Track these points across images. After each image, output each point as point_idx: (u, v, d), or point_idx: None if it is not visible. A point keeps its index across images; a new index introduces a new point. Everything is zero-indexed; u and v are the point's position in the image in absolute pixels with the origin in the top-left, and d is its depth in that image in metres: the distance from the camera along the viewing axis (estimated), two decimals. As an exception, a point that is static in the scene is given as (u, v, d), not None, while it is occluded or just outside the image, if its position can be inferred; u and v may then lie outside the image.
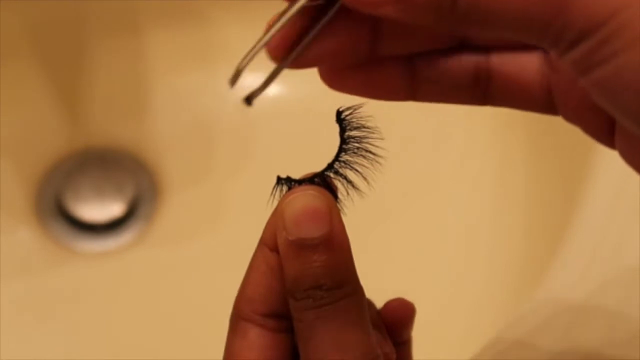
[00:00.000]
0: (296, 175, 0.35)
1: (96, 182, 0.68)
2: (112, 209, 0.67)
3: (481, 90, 0.33)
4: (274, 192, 0.34)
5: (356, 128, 0.35)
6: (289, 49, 0.33)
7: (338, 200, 0.34)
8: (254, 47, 0.33)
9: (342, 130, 0.35)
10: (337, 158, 0.34)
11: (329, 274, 0.32)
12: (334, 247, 0.32)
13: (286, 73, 0.37)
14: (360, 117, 0.35)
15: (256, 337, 0.34)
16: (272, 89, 0.36)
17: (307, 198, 0.32)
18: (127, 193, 0.68)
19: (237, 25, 0.71)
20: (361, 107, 0.34)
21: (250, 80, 0.74)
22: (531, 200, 0.60)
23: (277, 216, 0.33)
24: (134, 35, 0.70)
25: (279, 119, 0.70)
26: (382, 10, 0.28)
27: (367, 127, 0.35)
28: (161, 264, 0.66)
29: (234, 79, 0.33)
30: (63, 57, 0.70)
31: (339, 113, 0.34)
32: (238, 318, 0.34)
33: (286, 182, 0.34)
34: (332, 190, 0.34)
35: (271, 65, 0.35)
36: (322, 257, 0.32)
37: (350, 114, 0.35)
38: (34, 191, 0.68)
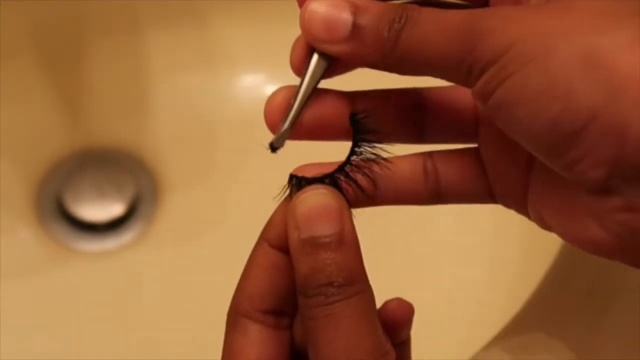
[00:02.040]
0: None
1: (96, 182, 0.68)
2: (112, 209, 0.67)
3: (431, 189, 0.37)
4: (284, 189, 0.34)
5: (369, 132, 0.35)
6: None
7: (348, 200, 0.34)
8: (290, 111, 0.35)
9: (356, 133, 0.35)
10: (348, 160, 0.35)
11: (341, 272, 0.32)
12: (345, 245, 0.32)
13: (286, 73, 0.37)
14: (374, 121, 0.35)
15: (256, 334, 0.34)
16: (272, 89, 0.36)
17: (319, 197, 0.33)
18: (127, 193, 0.68)
19: (237, 25, 0.71)
20: (377, 110, 0.35)
21: (251, 80, 0.74)
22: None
23: (288, 215, 0.33)
24: (134, 35, 0.70)
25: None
26: (336, 48, 0.33)
27: (380, 131, 0.35)
28: (161, 264, 0.66)
29: (279, 141, 0.35)
30: (63, 57, 0.70)
31: (352, 115, 0.35)
32: (237, 315, 0.35)
33: (298, 181, 0.34)
34: (342, 192, 0.34)
35: (273, 64, 0.35)
36: (334, 255, 0.32)
37: (364, 117, 0.35)
38: (34, 191, 0.68)
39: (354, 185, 0.34)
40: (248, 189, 0.68)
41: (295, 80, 0.36)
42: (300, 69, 0.35)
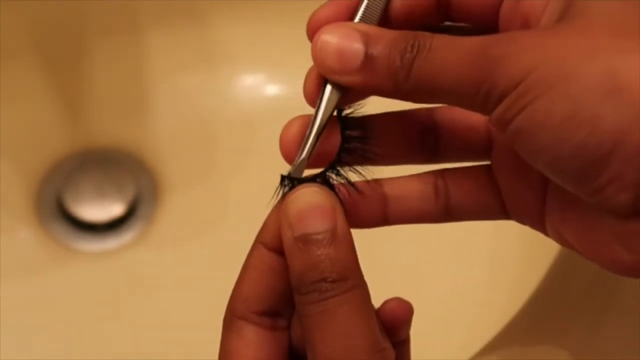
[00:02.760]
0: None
1: (96, 182, 0.68)
2: (112, 209, 0.67)
3: (442, 208, 0.37)
4: (277, 191, 0.34)
5: (357, 127, 0.35)
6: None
7: (340, 198, 0.34)
8: (308, 138, 0.35)
9: (344, 129, 0.35)
10: (338, 157, 0.35)
11: (334, 268, 0.32)
12: (338, 241, 0.32)
13: (286, 73, 0.37)
14: (362, 116, 0.35)
15: (252, 335, 0.35)
16: (272, 89, 0.36)
17: (311, 195, 0.33)
18: (128, 193, 0.68)
19: (237, 25, 0.71)
20: (363, 106, 0.35)
21: (251, 80, 0.74)
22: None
23: (281, 215, 0.33)
24: (134, 35, 0.70)
25: (279, 119, 0.70)
26: (349, 79, 0.33)
27: (369, 126, 0.35)
28: (161, 264, 0.66)
29: (297, 172, 0.35)
30: (63, 57, 0.70)
31: (339, 112, 0.35)
32: (233, 317, 0.35)
33: (289, 181, 0.34)
34: (334, 189, 0.34)
35: (273, 64, 0.35)
36: (327, 251, 0.32)
37: (351, 112, 0.35)
38: (34, 191, 0.68)
39: (345, 182, 0.34)
40: (248, 189, 0.68)
41: (295, 79, 0.36)
42: (313, 100, 0.35)
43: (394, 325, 0.37)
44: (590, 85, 0.29)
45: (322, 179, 0.34)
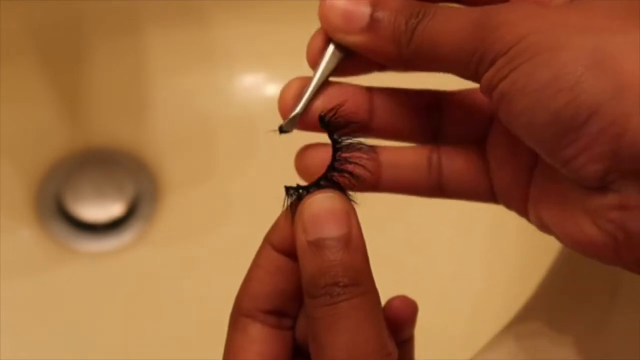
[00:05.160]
0: (296, 176, 0.35)
1: (96, 182, 0.68)
2: (112, 209, 0.67)
3: (434, 181, 0.38)
4: (284, 202, 0.34)
5: (343, 126, 0.35)
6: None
7: (350, 197, 0.34)
8: (303, 97, 0.36)
9: (331, 133, 0.35)
10: (334, 158, 0.35)
11: (347, 273, 0.32)
12: (352, 247, 0.33)
13: (286, 73, 0.37)
14: (344, 115, 0.35)
15: (257, 332, 0.35)
16: (272, 89, 0.36)
17: (326, 200, 0.33)
18: (127, 193, 0.68)
19: (237, 25, 0.71)
20: (342, 105, 0.35)
21: (251, 80, 0.74)
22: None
23: (296, 219, 0.33)
24: (134, 35, 0.70)
25: (279, 119, 0.70)
26: (353, 39, 0.34)
27: (354, 122, 0.35)
28: (161, 264, 0.66)
29: (289, 125, 0.36)
30: (63, 57, 0.70)
31: (322, 118, 0.35)
32: (239, 314, 0.35)
33: (295, 191, 0.34)
34: (342, 189, 0.34)
35: (273, 64, 0.36)
36: (341, 256, 0.32)
37: (333, 115, 0.35)
38: (34, 191, 0.68)
39: (350, 177, 0.34)
40: (248, 188, 0.68)
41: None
42: (315, 61, 0.35)
43: (398, 323, 0.37)
44: (575, 56, 0.30)
45: (326, 182, 0.34)
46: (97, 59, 0.70)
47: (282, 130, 0.36)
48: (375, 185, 0.37)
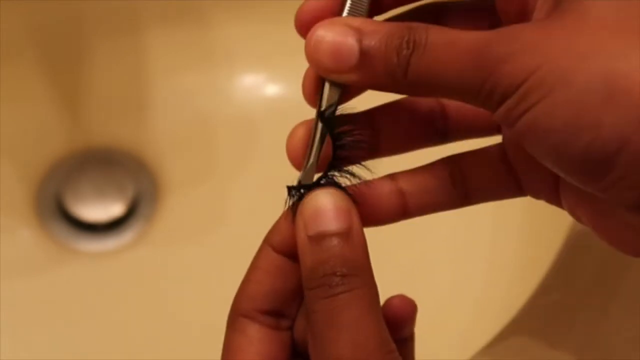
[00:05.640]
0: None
1: (96, 182, 0.68)
2: (112, 209, 0.67)
3: (461, 193, 0.37)
4: (287, 202, 0.34)
5: (343, 123, 0.34)
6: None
7: (351, 196, 0.34)
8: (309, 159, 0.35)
9: (331, 130, 0.34)
10: (335, 156, 0.35)
11: (345, 263, 0.32)
12: (352, 242, 0.32)
13: (286, 73, 0.37)
14: (343, 111, 0.35)
15: (256, 333, 0.35)
16: (272, 89, 0.36)
17: (326, 196, 0.33)
18: (128, 193, 0.68)
19: (237, 25, 0.71)
20: (338, 103, 0.34)
21: (251, 80, 0.74)
22: (532, 200, 0.60)
23: (297, 217, 0.33)
24: (134, 35, 0.70)
25: (278, 119, 0.70)
26: (346, 77, 0.33)
27: (353, 119, 0.35)
28: (161, 264, 0.66)
29: (307, 178, 0.35)
30: (63, 57, 0.70)
31: (321, 114, 0.34)
32: (237, 315, 0.35)
33: (296, 190, 0.34)
34: (347, 192, 0.34)
35: (273, 64, 0.35)
36: (340, 249, 0.32)
37: (332, 111, 0.34)
38: (34, 191, 0.68)
39: (351, 177, 0.34)
40: (248, 189, 0.68)
41: (295, 79, 0.35)
42: (313, 101, 0.34)
43: (397, 322, 0.37)
44: (589, 88, 0.29)
45: (327, 181, 0.34)
46: (97, 59, 0.70)
47: (300, 185, 0.34)
48: (403, 214, 0.36)
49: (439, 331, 0.56)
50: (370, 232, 0.34)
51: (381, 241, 0.37)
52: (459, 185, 0.37)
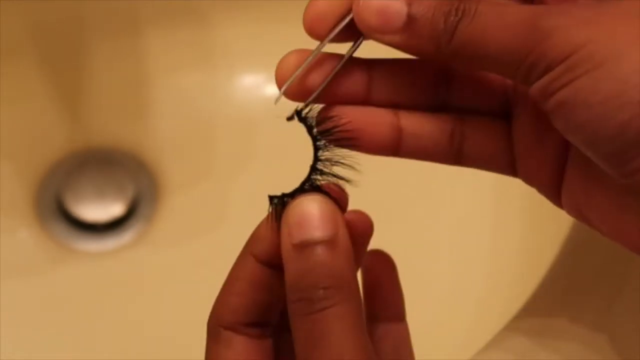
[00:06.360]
0: (296, 176, 0.35)
1: (96, 182, 0.68)
2: (112, 209, 0.67)
3: (455, 151, 0.36)
4: (269, 211, 0.33)
5: (321, 122, 0.34)
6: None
7: (335, 200, 0.33)
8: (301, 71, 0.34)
9: (310, 129, 0.34)
10: (316, 158, 0.34)
11: (330, 274, 0.31)
12: (337, 250, 0.32)
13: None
14: (321, 110, 0.34)
15: (241, 346, 0.34)
16: (272, 89, 0.36)
17: (310, 202, 0.32)
18: (128, 193, 0.68)
19: (237, 25, 0.71)
20: (317, 100, 0.34)
21: (251, 80, 0.74)
22: (532, 199, 0.60)
23: (282, 224, 0.33)
24: (134, 35, 0.70)
25: (278, 119, 0.70)
26: (390, 38, 0.33)
27: (332, 117, 0.34)
28: (161, 264, 0.66)
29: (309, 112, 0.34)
30: (63, 57, 0.70)
31: (298, 113, 0.34)
32: (219, 327, 0.34)
33: (279, 199, 0.33)
34: (333, 199, 0.33)
35: (273, 64, 0.35)
36: (324, 258, 0.31)
37: (309, 110, 0.34)
38: (34, 191, 0.68)
39: (335, 179, 0.34)
40: (248, 189, 0.68)
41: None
42: (317, 28, 0.34)
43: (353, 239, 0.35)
44: (637, 69, 0.29)
45: (310, 186, 0.33)
46: (97, 58, 0.70)
47: (280, 197, 0.33)
48: (395, 151, 0.36)
49: (439, 331, 0.56)
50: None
51: (381, 241, 0.37)
52: (456, 144, 0.36)
